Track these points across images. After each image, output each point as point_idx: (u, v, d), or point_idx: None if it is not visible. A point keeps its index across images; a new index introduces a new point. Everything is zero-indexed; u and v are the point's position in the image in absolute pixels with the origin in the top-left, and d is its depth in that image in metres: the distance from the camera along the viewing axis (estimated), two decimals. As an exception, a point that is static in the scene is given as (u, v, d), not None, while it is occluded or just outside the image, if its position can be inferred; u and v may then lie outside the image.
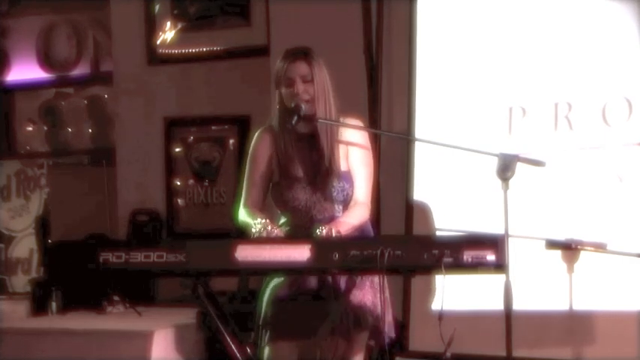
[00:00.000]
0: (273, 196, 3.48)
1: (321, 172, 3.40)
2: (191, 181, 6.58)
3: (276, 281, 3.40)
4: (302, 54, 3.41)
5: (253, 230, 3.26)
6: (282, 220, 3.44)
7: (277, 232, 3.26)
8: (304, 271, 3.15)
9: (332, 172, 3.39)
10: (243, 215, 3.44)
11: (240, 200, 3.52)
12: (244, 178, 3.54)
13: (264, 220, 3.26)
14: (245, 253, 3.01)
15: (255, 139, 3.54)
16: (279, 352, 3.38)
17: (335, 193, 3.40)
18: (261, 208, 3.48)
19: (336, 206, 3.41)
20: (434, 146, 4.38)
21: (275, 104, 3.47)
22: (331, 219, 3.38)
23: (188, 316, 5.13)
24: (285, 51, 3.48)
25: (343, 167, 3.44)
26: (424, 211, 4.77)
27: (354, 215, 3.39)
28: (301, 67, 3.38)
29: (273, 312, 3.38)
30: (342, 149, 3.45)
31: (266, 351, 3.39)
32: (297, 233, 3.34)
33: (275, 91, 3.46)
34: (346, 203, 3.43)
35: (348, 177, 3.43)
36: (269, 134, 3.49)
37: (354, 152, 3.46)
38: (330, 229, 3.20)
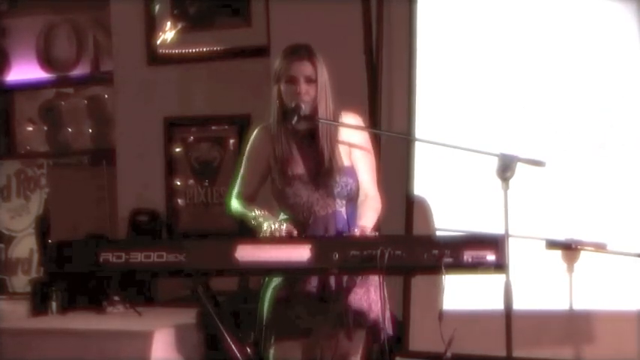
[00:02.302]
0: (274, 193, 3.47)
1: (323, 168, 3.40)
2: (191, 181, 6.58)
3: (276, 281, 3.40)
4: (306, 53, 3.39)
5: (265, 227, 3.26)
6: (283, 216, 3.44)
7: (289, 228, 3.25)
8: (304, 271, 3.15)
9: (333, 169, 3.39)
10: (236, 205, 3.48)
11: (232, 190, 3.54)
12: (240, 171, 3.55)
13: (263, 212, 3.32)
14: (245, 253, 3.01)
15: (254, 136, 3.53)
16: (284, 352, 3.38)
17: (338, 189, 3.39)
18: (254, 201, 3.51)
19: (338, 201, 3.40)
20: (434, 146, 4.38)
21: (274, 100, 3.44)
22: (334, 215, 3.38)
23: (188, 316, 5.13)
24: (286, 47, 3.45)
25: (346, 163, 3.43)
26: (424, 211, 4.77)
27: (370, 213, 3.38)
28: (306, 68, 3.37)
29: (276, 312, 3.38)
30: (343, 145, 3.44)
31: (271, 351, 3.40)
32: (301, 231, 3.33)
33: (273, 87, 3.43)
34: (350, 198, 3.42)
35: (351, 172, 3.43)
36: (268, 132, 3.48)
37: (353, 147, 3.45)
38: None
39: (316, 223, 3.38)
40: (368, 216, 3.36)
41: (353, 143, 3.45)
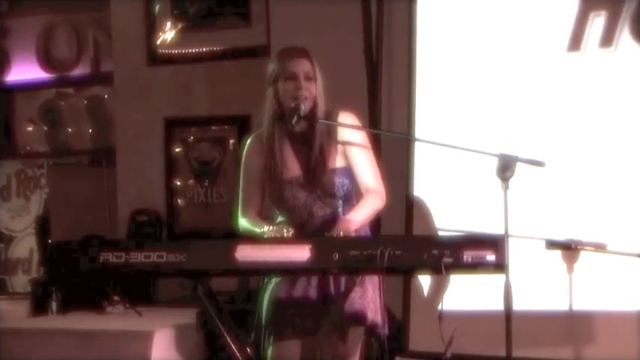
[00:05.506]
0: (272, 196, 3.46)
1: (318, 169, 3.39)
2: (191, 181, 6.58)
3: (275, 282, 3.40)
4: (302, 52, 3.40)
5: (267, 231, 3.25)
6: (280, 219, 3.43)
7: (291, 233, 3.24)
8: (304, 271, 3.15)
9: (327, 168, 3.38)
10: (245, 224, 3.43)
11: (237, 208, 3.50)
12: (240, 186, 3.51)
13: (273, 228, 3.25)
14: (245, 253, 3.01)
15: (247, 146, 3.52)
16: (282, 352, 3.38)
17: (335, 189, 3.39)
18: (261, 213, 3.47)
19: (335, 202, 3.40)
20: (434, 146, 4.37)
21: (270, 102, 3.42)
22: (332, 215, 3.37)
23: (188, 316, 5.13)
24: (282, 50, 3.46)
25: (341, 163, 3.42)
26: (424, 211, 4.77)
27: (362, 208, 3.36)
28: (305, 65, 3.37)
29: (274, 313, 3.37)
30: (339, 146, 3.43)
31: (269, 351, 3.39)
32: (300, 232, 3.32)
33: (269, 88, 3.41)
34: (347, 199, 3.42)
35: (346, 173, 3.42)
36: (260, 141, 3.47)
37: (351, 146, 3.43)
38: (339, 232, 3.18)
39: (315, 225, 3.37)
40: (358, 210, 3.35)
41: (350, 142, 3.43)
